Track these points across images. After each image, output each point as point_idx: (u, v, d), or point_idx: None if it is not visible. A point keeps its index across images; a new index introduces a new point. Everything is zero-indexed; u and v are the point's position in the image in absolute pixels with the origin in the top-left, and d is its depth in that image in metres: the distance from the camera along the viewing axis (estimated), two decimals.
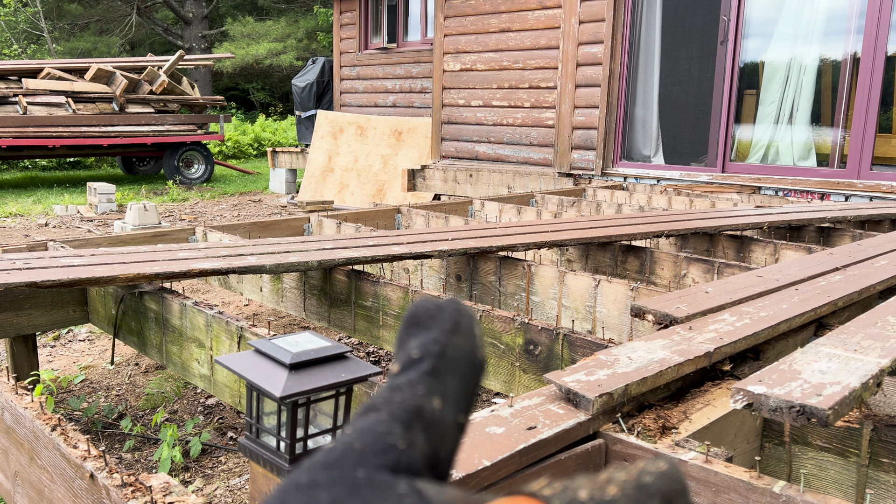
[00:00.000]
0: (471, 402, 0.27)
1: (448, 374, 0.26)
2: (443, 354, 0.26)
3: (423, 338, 0.27)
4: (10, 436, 1.46)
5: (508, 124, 6.76)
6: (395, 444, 0.24)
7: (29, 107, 9.27)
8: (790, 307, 1.81)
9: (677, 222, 3.24)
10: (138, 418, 2.72)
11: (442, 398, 0.26)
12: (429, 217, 3.89)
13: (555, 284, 2.49)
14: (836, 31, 5.36)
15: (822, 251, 2.73)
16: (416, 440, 0.24)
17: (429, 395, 0.26)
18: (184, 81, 10.90)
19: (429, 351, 0.27)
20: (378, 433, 0.24)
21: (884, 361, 1.35)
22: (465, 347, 0.27)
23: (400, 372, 0.27)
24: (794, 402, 1.13)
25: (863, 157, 4.92)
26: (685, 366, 1.39)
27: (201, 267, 2.15)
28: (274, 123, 17.98)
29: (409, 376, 0.26)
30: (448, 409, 0.26)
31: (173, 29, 21.81)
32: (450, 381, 0.26)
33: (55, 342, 3.60)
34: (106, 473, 1.07)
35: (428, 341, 0.27)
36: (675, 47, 6.53)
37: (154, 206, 6.15)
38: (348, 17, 9.34)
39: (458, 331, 0.27)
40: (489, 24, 6.77)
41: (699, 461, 1.09)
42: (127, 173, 11.84)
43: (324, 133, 8.89)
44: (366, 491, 0.22)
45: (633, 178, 5.92)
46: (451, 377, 0.26)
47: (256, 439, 0.88)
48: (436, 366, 0.26)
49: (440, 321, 0.27)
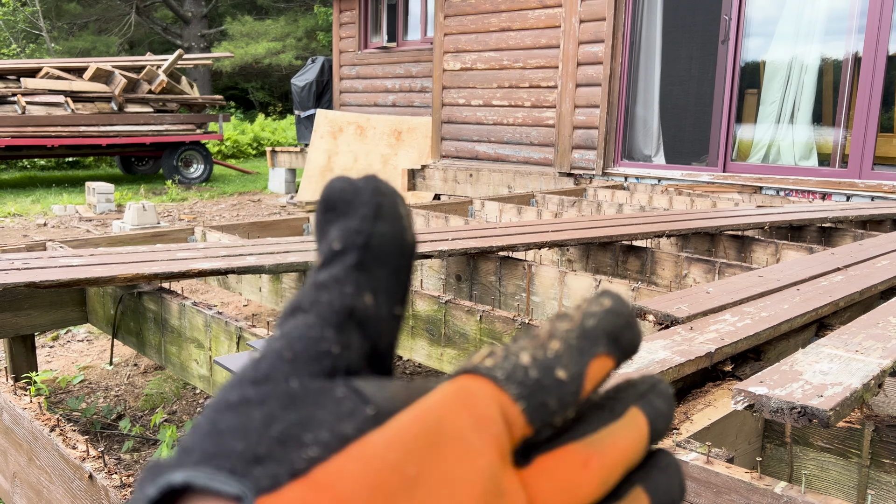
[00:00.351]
0: (405, 290, 0.26)
1: (376, 265, 0.24)
2: (367, 245, 0.24)
3: (342, 225, 0.25)
4: (8, 436, 1.46)
5: (509, 124, 6.76)
6: (329, 349, 0.22)
7: (27, 106, 9.26)
8: (791, 307, 1.81)
9: (678, 222, 3.23)
10: (137, 419, 2.71)
11: (373, 293, 0.24)
12: (429, 217, 3.89)
13: (555, 285, 2.48)
14: (838, 31, 5.36)
15: (824, 251, 2.72)
16: (350, 341, 0.23)
17: (358, 292, 0.24)
18: (183, 81, 10.90)
19: (351, 242, 0.24)
20: (309, 339, 0.22)
21: (885, 362, 1.34)
22: (390, 233, 0.25)
23: (323, 266, 0.25)
24: (796, 403, 1.12)
25: (864, 157, 4.92)
26: (686, 366, 1.39)
27: (200, 267, 2.15)
28: (273, 123, 17.98)
29: (333, 272, 0.24)
30: (382, 303, 0.24)
31: (172, 28, 21.80)
32: (379, 272, 0.24)
33: (54, 342, 3.60)
34: (105, 474, 1.07)
35: (349, 230, 0.25)
36: (675, 46, 6.52)
37: (153, 206, 6.14)
38: (348, 16, 9.34)
39: (380, 215, 0.25)
40: (489, 23, 6.76)
41: (700, 462, 1.08)
42: (126, 173, 11.84)
43: (323, 132, 8.89)
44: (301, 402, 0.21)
45: (634, 177, 5.92)
46: (379, 268, 0.24)
47: None
48: (361, 258, 0.24)
49: (359, 206, 0.25)
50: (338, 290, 0.24)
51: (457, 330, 2.11)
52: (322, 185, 8.61)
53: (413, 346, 2.26)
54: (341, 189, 0.25)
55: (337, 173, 2.49)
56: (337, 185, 0.26)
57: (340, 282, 0.24)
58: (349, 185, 0.25)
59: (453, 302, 2.13)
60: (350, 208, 0.25)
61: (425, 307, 2.20)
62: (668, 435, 1.22)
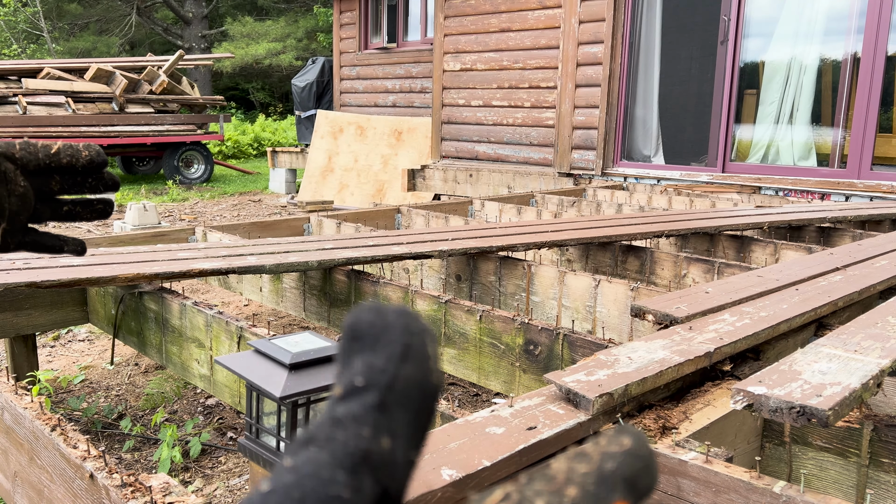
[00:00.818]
0: (423, 435, 0.25)
1: (397, 408, 0.24)
2: (391, 386, 0.24)
3: (368, 360, 0.24)
4: (9, 436, 1.46)
5: (508, 124, 6.76)
6: (340, 494, 0.22)
7: (28, 107, 9.27)
8: (790, 307, 1.81)
9: (677, 222, 3.24)
10: (138, 418, 2.71)
11: (391, 436, 0.24)
12: (429, 217, 3.89)
13: (555, 284, 2.49)
14: (837, 31, 5.36)
15: (823, 251, 2.73)
16: (362, 486, 0.23)
17: (375, 436, 0.23)
18: (183, 81, 10.90)
19: (375, 381, 0.24)
20: (320, 480, 0.22)
21: (884, 362, 1.35)
22: (416, 376, 0.24)
23: (342, 398, 0.24)
24: (795, 403, 1.13)
25: (863, 157, 4.92)
26: (685, 366, 1.39)
27: (201, 267, 2.15)
28: (274, 123, 17.98)
29: (352, 408, 0.24)
30: (398, 448, 0.24)
31: (173, 29, 21.81)
32: (399, 415, 0.24)
33: (55, 342, 3.60)
34: (105, 473, 1.07)
35: (374, 368, 0.24)
36: (675, 47, 6.53)
37: (154, 206, 6.15)
38: (348, 17, 9.34)
39: (408, 356, 0.24)
40: (489, 23, 6.77)
41: (699, 461, 1.09)
42: (126, 173, 11.84)
43: (324, 133, 8.89)
44: None
45: (634, 178, 5.92)
46: (400, 411, 0.24)
47: (256, 439, 0.88)
48: (383, 399, 0.24)
49: (388, 343, 0.24)
50: (355, 430, 0.23)
51: (457, 329, 2.12)
52: (322, 185, 8.62)
53: None
54: (371, 322, 0.25)
55: (337, 173, 2.50)
56: (366, 316, 0.25)
57: (358, 421, 0.23)
58: (379, 319, 0.25)
59: (453, 302, 2.13)
60: (378, 344, 0.24)
61: (425, 307, 2.21)
62: (668, 434, 1.23)
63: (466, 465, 1.01)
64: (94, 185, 0.69)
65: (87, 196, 0.70)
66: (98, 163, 0.68)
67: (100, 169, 0.69)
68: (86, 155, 0.67)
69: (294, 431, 0.83)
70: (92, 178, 0.68)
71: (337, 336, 3.36)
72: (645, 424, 1.24)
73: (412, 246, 2.58)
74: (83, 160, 0.67)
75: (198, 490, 2.21)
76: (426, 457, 1.03)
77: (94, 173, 0.68)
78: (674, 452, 1.12)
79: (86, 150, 0.68)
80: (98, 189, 0.69)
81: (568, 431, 1.15)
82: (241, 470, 2.33)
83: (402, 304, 0.25)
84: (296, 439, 0.24)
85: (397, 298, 2.30)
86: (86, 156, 0.67)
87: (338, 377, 0.25)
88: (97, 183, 0.69)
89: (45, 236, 0.69)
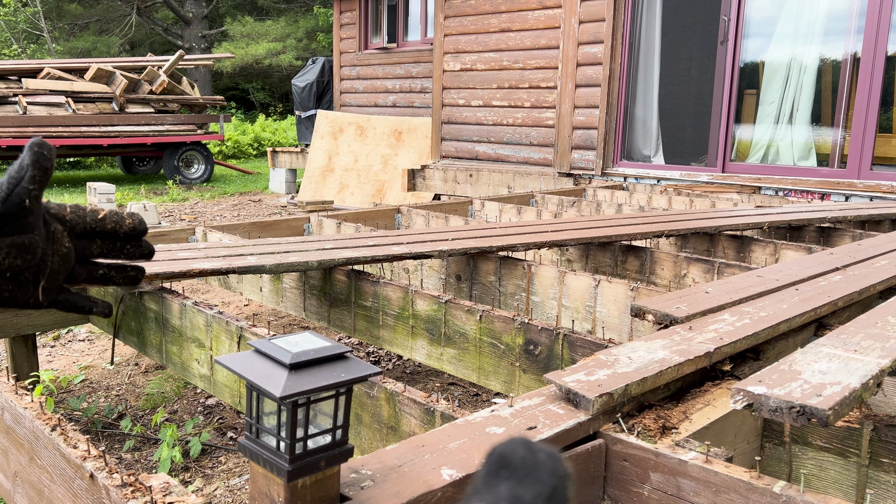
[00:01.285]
0: None
1: None
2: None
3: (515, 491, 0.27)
4: (9, 436, 1.46)
5: (508, 124, 6.76)
6: None
7: (29, 107, 9.27)
8: (790, 307, 1.81)
9: (677, 222, 3.24)
10: (138, 418, 2.71)
11: None
12: (429, 217, 3.89)
13: (555, 284, 2.49)
14: (837, 31, 5.37)
15: (823, 251, 2.73)
16: None
17: None
18: (184, 81, 10.90)
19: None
20: None
21: (884, 362, 1.35)
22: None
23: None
24: (795, 403, 1.13)
25: (863, 157, 4.92)
26: (685, 366, 1.39)
27: (201, 267, 2.15)
28: (274, 123, 17.98)
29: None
30: None
31: (173, 29, 21.81)
32: None
33: (55, 342, 3.60)
34: (106, 473, 1.07)
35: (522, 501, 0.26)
36: (675, 47, 6.53)
37: (154, 206, 6.15)
38: (348, 17, 9.34)
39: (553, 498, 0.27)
40: (489, 23, 6.77)
41: (699, 461, 1.09)
42: (127, 173, 11.84)
43: (324, 133, 8.89)
44: None
45: (634, 178, 5.92)
46: None
47: (256, 439, 0.88)
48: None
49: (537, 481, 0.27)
50: None
51: (457, 329, 2.12)
52: (322, 185, 8.62)
53: (413, 346, 2.27)
54: (523, 457, 0.28)
55: (337, 173, 2.50)
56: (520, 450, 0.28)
57: None
58: (531, 456, 0.28)
59: (453, 301, 2.13)
60: (528, 478, 0.27)
61: (425, 307, 2.21)
62: (668, 434, 1.23)
63: (466, 465, 1.02)
64: (132, 251, 0.72)
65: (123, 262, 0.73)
66: (140, 231, 0.71)
67: (140, 237, 0.72)
68: (129, 223, 0.71)
69: (294, 431, 0.83)
70: (131, 244, 0.72)
71: (337, 336, 3.36)
72: (645, 424, 1.24)
73: (412, 246, 2.58)
74: (126, 227, 0.70)
75: (198, 490, 2.21)
76: (426, 456, 1.03)
77: (134, 241, 0.72)
78: (674, 452, 1.12)
79: (129, 218, 0.71)
80: (135, 256, 0.72)
81: (568, 431, 1.15)
82: (241, 470, 2.34)
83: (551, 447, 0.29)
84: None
85: (397, 298, 2.30)
86: (129, 223, 0.71)
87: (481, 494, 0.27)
88: (135, 250, 0.72)
89: (76, 297, 0.72)
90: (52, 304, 0.69)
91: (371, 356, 3.42)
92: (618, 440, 1.18)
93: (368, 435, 1.60)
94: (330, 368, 0.86)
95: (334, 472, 0.90)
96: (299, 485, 0.86)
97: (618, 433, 1.20)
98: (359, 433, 1.62)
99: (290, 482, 0.85)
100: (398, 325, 2.30)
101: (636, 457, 1.15)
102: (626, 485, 1.16)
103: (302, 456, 0.85)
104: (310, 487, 0.87)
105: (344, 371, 0.86)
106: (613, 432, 1.20)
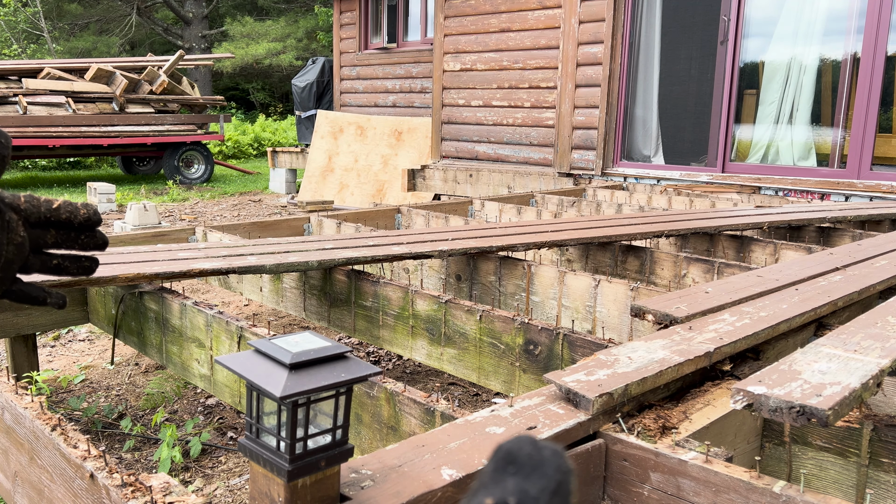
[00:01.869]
0: None
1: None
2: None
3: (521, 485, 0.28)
4: (9, 436, 1.46)
5: (508, 124, 6.76)
6: None
7: (29, 107, 9.27)
8: (790, 307, 1.81)
9: (677, 222, 3.24)
10: (138, 418, 2.72)
11: None
12: (429, 217, 3.89)
13: (555, 284, 2.49)
14: (837, 31, 5.37)
15: (822, 251, 2.73)
16: None
17: None
18: (184, 81, 10.90)
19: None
20: None
21: (884, 362, 1.35)
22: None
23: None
24: (794, 403, 1.13)
25: (863, 157, 4.93)
26: (685, 366, 1.39)
27: (201, 267, 2.15)
28: (274, 123, 17.98)
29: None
30: None
31: (173, 29, 21.81)
32: None
33: (55, 342, 3.60)
34: (106, 473, 1.07)
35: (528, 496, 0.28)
36: (675, 47, 6.53)
37: (154, 206, 6.15)
38: (348, 17, 9.35)
39: (557, 492, 0.28)
40: (489, 24, 6.77)
41: (699, 461, 1.09)
42: (127, 173, 11.84)
43: (324, 133, 8.89)
44: None
45: (633, 178, 5.92)
46: None
47: (256, 439, 0.88)
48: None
49: (543, 476, 0.28)
50: None
51: (457, 329, 2.12)
52: (322, 185, 8.62)
53: (413, 346, 2.27)
54: (529, 454, 0.29)
55: (337, 173, 2.50)
56: (526, 447, 0.30)
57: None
58: (536, 453, 0.29)
59: (453, 301, 2.13)
60: (534, 474, 0.29)
61: (425, 307, 2.21)
62: (668, 434, 1.23)
63: (466, 465, 1.02)
64: (86, 242, 0.72)
65: (76, 252, 0.73)
66: (94, 221, 0.72)
67: (94, 227, 0.72)
68: (83, 213, 0.71)
69: (294, 431, 0.83)
70: (85, 235, 0.72)
71: (337, 336, 3.36)
72: (645, 424, 1.24)
73: (412, 246, 2.58)
74: (80, 217, 0.71)
75: (198, 490, 2.21)
76: (426, 456, 1.03)
77: (88, 231, 0.72)
78: (674, 452, 1.12)
79: (84, 208, 0.71)
80: (89, 246, 0.73)
81: (568, 431, 1.15)
82: (241, 470, 2.34)
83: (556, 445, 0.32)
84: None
85: (397, 298, 2.30)
86: (83, 213, 0.71)
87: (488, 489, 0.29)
88: (89, 240, 0.72)
89: (30, 287, 0.73)
90: (6, 295, 0.70)
91: (371, 356, 3.43)
92: (618, 440, 1.18)
93: (368, 435, 1.60)
94: (330, 368, 0.86)
95: (334, 471, 0.90)
96: (299, 485, 0.86)
97: (618, 433, 1.20)
98: (359, 433, 1.62)
99: (291, 482, 0.85)
100: (398, 325, 2.30)
101: (636, 457, 1.15)
102: (626, 485, 1.17)
103: (302, 456, 0.85)
104: (310, 487, 0.87)
105: (344, 371, 0.86)
106: (613, 432, 1.20)
